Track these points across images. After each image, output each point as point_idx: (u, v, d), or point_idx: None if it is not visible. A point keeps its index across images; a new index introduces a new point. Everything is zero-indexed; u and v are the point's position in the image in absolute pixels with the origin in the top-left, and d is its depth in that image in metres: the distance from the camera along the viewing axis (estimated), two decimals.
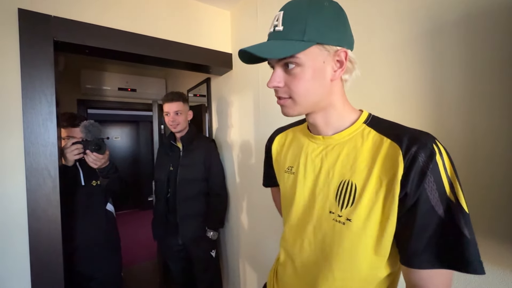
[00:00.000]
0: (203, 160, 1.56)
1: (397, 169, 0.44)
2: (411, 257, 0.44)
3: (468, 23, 0.60)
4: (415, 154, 0.43)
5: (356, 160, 0.50)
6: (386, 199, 0.45)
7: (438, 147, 0.44)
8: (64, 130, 1.28)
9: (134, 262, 2.91)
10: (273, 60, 0.50)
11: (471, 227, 0.41)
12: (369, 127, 0.52)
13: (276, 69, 0.51)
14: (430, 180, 0.42)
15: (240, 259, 1.62)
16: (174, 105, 1.51)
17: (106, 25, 1.15)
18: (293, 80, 0.49)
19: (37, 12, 1.00)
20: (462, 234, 0.40)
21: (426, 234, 0.43)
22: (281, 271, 0.64)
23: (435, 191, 0.42)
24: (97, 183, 1.35)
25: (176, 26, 1.38)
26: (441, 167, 0.42)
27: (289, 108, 0.52)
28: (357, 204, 0.48)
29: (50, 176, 1.00)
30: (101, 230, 1.34)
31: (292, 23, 0.47)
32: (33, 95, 0.97)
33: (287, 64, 0.49)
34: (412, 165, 0.43)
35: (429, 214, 0.42)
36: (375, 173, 0.47)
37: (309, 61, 0.47)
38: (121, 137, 5.17)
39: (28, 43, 0.97)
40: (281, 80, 0.50)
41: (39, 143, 0.98)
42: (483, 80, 0.58)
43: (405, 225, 0.44)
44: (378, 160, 0.47)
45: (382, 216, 0.46)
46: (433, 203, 0.42)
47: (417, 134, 0.46)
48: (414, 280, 0.45)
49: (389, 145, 0.47)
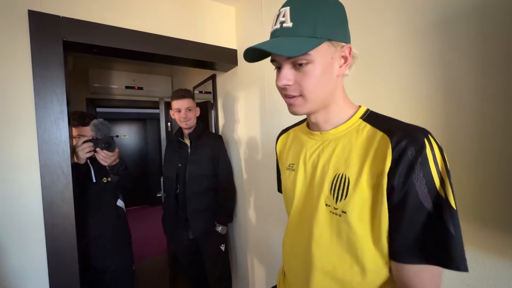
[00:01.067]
0: (211, 156, 1.58)
1: (385, 162, 0.44)
2: (399, 251, 0.44)
3: (478, 13, 0.59)
4: (404, 148, 0.43)
5: (351, 154, 0.50)
6: (377, 192, 0.45)
7: (430, 142, 0.43)
8: (75, 129, 1.31)
9: (145, 256, 2.98)
10: (281, 58, 0.49)
11: (457, 224, 0.41)
12: (365, 121, 0.52)
13: (284, 67, 0.49)
14: (419, 175, 0.42)
15: (248, 253, 1.65)
16: (185, 102, 1.53)
17: (113, 24, 1.17)
18: (304, 77, 0.48)
19: (46, 13, 1.02)
20: (447, 231, 0.40)
21: (414, 229, 0.43)
22: (287, 269, 0.65)
23: (424, 186, 0.42)
24: (107, 180, 1.38)
25: (182, 23, 1.39)
26: (431, 162, 0.42)
27: (298, 107, 0.51)
28: (350, 197, 0.48)
29: (64, 173, 1.03)
30: (112, 225, 1.38)
31: (302, 20, 0.46)
32: (45, 94, 1.00)
33: (297, 61, 0.48)
34: (401, 158, 0.43)
35: (417, 209, 0.42)
36: (367, 166, 0.47)
37: (319, 58, 0.47)
38: (129, 135, 5.25)
39: (39, 44, 0.99)
40: (291, 78, 0.49)
41: (52, 141, 1.01)
42: (495, 74, 0.57)
43: (395, 219, 0.44)
44: (370, 153, 0.47)
45: (374, 209, 0.46)
46: (421, 198, 0.42)
47: (410, 128, 0.46)
48: (401, 275, 0.45)
49: (381, 138, 0.47)
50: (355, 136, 0.52)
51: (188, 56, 1.39)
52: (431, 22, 0.67)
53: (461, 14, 0.61)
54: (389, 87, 0.77)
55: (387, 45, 0.78)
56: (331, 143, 0.55)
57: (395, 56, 0.76)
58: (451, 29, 0.63)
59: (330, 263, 0.52)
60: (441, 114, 0.66)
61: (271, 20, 1.27)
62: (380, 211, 0.45)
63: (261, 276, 1.52)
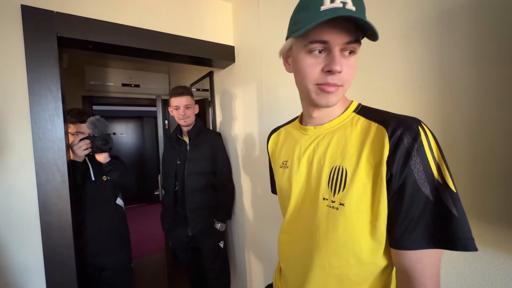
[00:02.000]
0: (210, 153, 1.58)
1: (383, 151, 0.45)
2: (399, 238, 0.45)
3: (474, 8, 0.59)
4: (400, 136, 0.44)
5: (346, 146, 0.51)
6: (376, 181, 0.46)
7: (424, 130, 0.44)
8: (73, 126, 1.30)
9: (144, 254, 2.98)
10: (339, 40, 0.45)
11: (460, 206, 0.42)
12: (359, 115, 0.53)
13: (336, 51, 0.45)
14: (416, 161, 0.43)
15: (246, 249, 1.65)
16: (184, 99, 1.52)
17: (109, 20, 1.15)
18: (350, 67, 0.47)
19: (40, 8, 1.00)
20: (450, 213, 0.41)
21: (414, 215, 0.43)
22: (284, 266, 0.65)
23: (421, 172, 0.43)
24: (107, 178, 1.38)
25: (178, 19, 1.37)
26: (427, 148, 0.43)
27: (336, 96, 0.49)
28: (349, 188, 0.48)
29: (59, 170, 1.02)
30: (111, 224, 1.38)
31: (362, 9, 0.45)
32: (39, 91, 0.99)
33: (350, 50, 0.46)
34: (398, 146, 0.44)
35: (416, 194, 0.43)
36: (364, 156, 0.48)
37: (358, 51, 0.48)
38: (126, 133, 5.22)
39: (32, 40, 0.98)
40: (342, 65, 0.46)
41: (47, 139, 1.00)
42: (491, 70, 0.57)
43: (394, 207, 0.45)
44: (366, 144, 0.48)
45: (373, 198, 0.47)
46: (419, 184, 0.43)
47: (403, 117, 0.47)
48: (403, 262, 0.45)
49: (377, 128, 0.48)
50: (349, 129, 0.52)
51: (185, 53, 1.38)
52: (428, 17, 0.67)
53: (457, 9, 0.61)
54: (385, 83, 0.77)
55: (383, 41, 0.77)
56: (325, 137, 0.55)
57: (391, 52, 0.75)
58: (447, 24, 0.63)
59: (327, 259, 0.52)
60: (438, 110, 0.66)
61: (268, 16, 1.28)
62: (379, 201, 0.46)
63: (258, 273, 1.52)
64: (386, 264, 0.50)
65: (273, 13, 1.24)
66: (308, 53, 0.48)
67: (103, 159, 1.31)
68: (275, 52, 0.97)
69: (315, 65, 0.47)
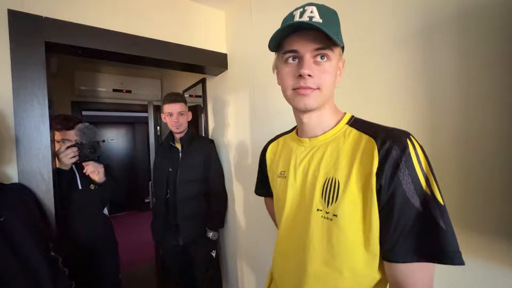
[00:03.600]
0: (202, 160, 1.56)
1: (372, 163, 0.46)
2: (391, 251, 0.45)
3: (461, 20, 0.61)
4: (389, 148, 0.45)
5: (339, 158, 0.52)
6: (366, 193, 0.47)
7: (412, 142, 0.46)
8: (59, 133, 1.26)
9: (132, 263, 2.88)
10: (307, 48, 0.50)
11: (447, 219, 0.42)
12: (351, 127, 0.55)
13: (307, 58, 0.50)
14: (404, 173, 0.44)
15: (238, 258, 1.62)
16: (178, 106, 1.50)
17: (99, 26, 1.14)
18: (323, 72, 0.51)
19: (28, 13, 0.98)
20: (438, 225, 0.41)
21: (405, 227, 0.43)
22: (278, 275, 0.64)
23: (410, 183, 0.43)
24: (95, 187, 1.33)
25: (170, 26, 1.37)
26: (415, 161, 0.44)
27: (312, 99, 0.52)
28: (341, 199, 0.49)
29: (44, 179, 0.98)
30: (98, 234, 1.33)
31: (330, 20, 0.50)
32: (24, 97, 0.96)
33: (321, 55, 0.50)
34: (386, 158, 0.45)
35: (405, 206, 0.43)
36: (355, 168, 0.49)
37: (335, 59, 0.52)
38: (116, 139, 5.12)
39: (19, 45, 0.95)
40: (313, 70, 0.50)
41: (32, 146, 0.97)
42: (476, 78, 0.58)
43: (385, 219, 0.45)
44: (357, 156, 0.49)
45: (365, 210, 0.47)
46: (409, 195, 0.43)
47: (393, 130, 0.49)
48: (395, 275, 0.45)
49: (367, 141, 0.50)
50: (342, 141, 0.54)
51: (177, 60, 1.37)
52: (416, 29, 0.69)
53: (444, 21, 0.63)
54: (375, 93, 0.79)
55: (373, 53, 0.79)
56: (320, 148, 0.56)
57: (381, 63, 0.77)
58: (434, 36, 0.65)
59: (321, 269, 0.51)
60: (427, 120, 0.67)
61: (261, 23, 1.29)
62: (370, 212, 0.46)
63: (251, 282, 1.49)
64: (380, 278, 0.50)
65: (265, 21, 1.25)
66: (284, 63, 0.53)
67: (98, 179, 1.27)
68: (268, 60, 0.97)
69: (290, 73, 0.52)
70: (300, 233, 0.55)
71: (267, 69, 1.25)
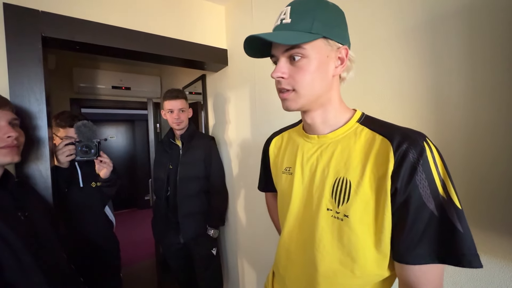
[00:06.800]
0: (203, 157, 1.54)
1: (388, 165, 0.45)
2: (404, 253, 0.44)
3: (467, 12, 0.59)
4: (405, 150, 0.44)
5: (350, 157, 0.50)
6: (380, 194, 0.46)
7: (429, 145, 0.44)
8: (63, 130, 1.24)
9: (132, 261, 2.88)
10: (279, 51, 0.50)
11: (465, 222, 0.41)
12: (363, 125, 0.53)
13: (281, 60, 0.51)
14: (421, 177, 0.42)
15: (238, 257, 1.61)
16: (178, 103, 1.48)
17: (97, 21, 1.12)
18: (299, 71, 0.49)
19: (24, 7, 0.96)
20: (455, 229, 0.41)
21: (419, 230, 0.43)
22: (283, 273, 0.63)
23: (426, 187, 0.42)
24: (96, 184, 1.32)
25: (170, 21, 1.35)
26: (432, 164, 0.43)
27: (291, 101, 0.52)
28: (353, 200, 0.48)
29: (42, 176, 0.97)
30: (99, 233, 1.32)
31: (300, 16, 0.48)
32: (21, 93, 0.94)
33: (293, 56, 0.49)
34: (403, 161, 0.44)
35: (421, 210, 0.43)
36: (368, 169, 0.47)
37: (315, 54, 0.48)
38: (116, 137, 5.11)
39: (15, 39, 0.93)
40: (286, 71, 0.50)
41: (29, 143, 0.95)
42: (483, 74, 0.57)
43: (398, 221, 0.45)
44: (371, 157, 0.48)
45: (377, 211, 0.46)
46: (425, 199, 0.42)
47: (408, 131, 0.47)
48: (407, 276, 0.45)
49: (381, 141, 0.48)
50: (353, 140, 0.52)
51: (177, 55, 1.35)
52: (422, 21, 0.67)
53: (451, 13, 0.61)
54: (380, 87, 0.77)
55: (378, 45, 0.77)
56: (329, 146, 0.55)
57: (386, 56, 0.75)
58: (441, 28, 0.63)
59: (331, 268, 0.51)
60: (432, 115, 0.66)
61: (262, 19, 1.27)
62: (383, 213, 0.45)
63: (251, 280, 1.49)
64: (389, 275, 0.50)
65: (266, 17, 1.23)
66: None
67: (103, 174, 1.25)
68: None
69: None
70: (308, 230, 0.55)
71: (267, 65, 1.23)
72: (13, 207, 0.72)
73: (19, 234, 0.66)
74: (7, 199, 0.73)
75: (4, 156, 0.72)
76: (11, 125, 0.76)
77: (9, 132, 0.73)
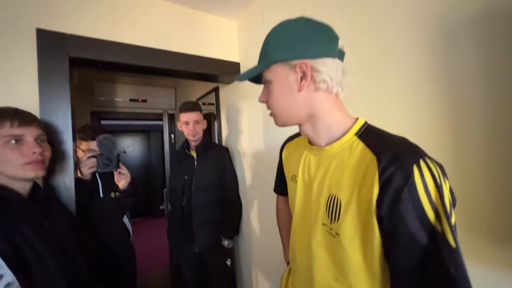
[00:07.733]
0: (217, 168, 1.57)
1: (373, 189, 0.42)
2: (397, 277, 0.42)
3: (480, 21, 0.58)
4: (390, 175, 0.40)
5: (343, 175, 0.49)
6: (367, 218, 0.43)
7: (420, 169, 0.39)
8: (85, 142, 1.30)
9: (147, 269, 2.92)
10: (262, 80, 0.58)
11: (459, 263, 0.37)
12: (359, 138, 0.50)
13: (263, 88, 0.59)
14: (407, 206, 0.38)
15: (252, 268, 1.60)
16: (194, 115, 1.53)
17: (117, 40, 1.19)
18: (270, 95, 0.56)
19: (54, 31, 1.04)
20: (447, 271, 0.36)
21: (410, 261, 0.39)
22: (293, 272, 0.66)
23: (414, 218, 0.38)
24: (115, 195, 1.37)
25: (185, 37, 1.41)
26: (421, 191, 0.38)
27: (275, 120, 0.58)
28: (343, 220, 0.47)
29: (66, 188, 1.02)
30: (118, 241, 1.36)
31: (263, 48, 0.55)
32: (49, 109, 1.01)
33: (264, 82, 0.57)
34: (387, 187, 0.40)
35: (411, 241, 0.39)
36: (357, 191, 0.45)
37: (274, 77, 0.53)
38: (132, 147, 5.28)
39: (45, 61, 1.01)
40: (264, 96, 0.58)
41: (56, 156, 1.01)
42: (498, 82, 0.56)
43: (389, 247, 0.42)
44: (360, 177, 0.45)
45: (366, 234, 0.44)
46: (414, 231, 0.38)
47: (402, 151, 0.42)
48: None
49: (370, 160, 0.44)
50: (347, 155, 0.50)
51: (191, 70, 1.41)
52: (434, 30, 0.67)
53: (463, 23, 0.61)
54: (392, 97, 0.77)
55: (390, 55, 0.77)
56: (326, 160, 0.54)
57: (398, 66, 0.75)
58: (453, 38, 0.63)
59: (327, 281, 0.52)
60: (446, 124, 0.65)
61: None
62: (372, 238, 0.43)
63: None
64: None
65: None
66: None
67: (121, 185, 1.30)
68: None
69: None
70: (307, 241, 0.56)
71: None
72: (40, 217, 0.77)
73: (45, 241, 0.70)
74: (36, 210, 0.77)
75: (29, 171, 0.75)
76: (38, 141, 0.81)
77: (34, 148, 0.76)
